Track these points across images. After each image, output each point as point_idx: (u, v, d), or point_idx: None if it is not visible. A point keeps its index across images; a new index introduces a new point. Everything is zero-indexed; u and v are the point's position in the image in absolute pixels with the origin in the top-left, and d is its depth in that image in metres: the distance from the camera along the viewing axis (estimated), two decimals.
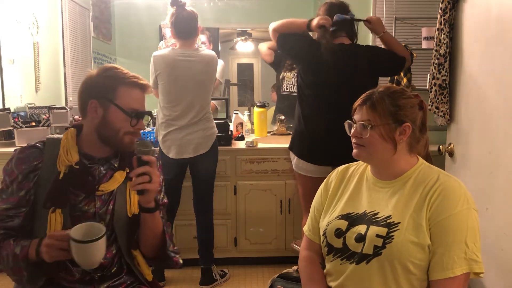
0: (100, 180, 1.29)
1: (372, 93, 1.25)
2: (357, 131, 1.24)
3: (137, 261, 1.34)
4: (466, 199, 1.15)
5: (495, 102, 1.53)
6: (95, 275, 1.29)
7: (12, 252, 1.19)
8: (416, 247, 1.14)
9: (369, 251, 1.17)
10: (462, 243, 1.11)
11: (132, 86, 1.27)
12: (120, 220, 1.31)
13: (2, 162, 1.40)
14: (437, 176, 1.20)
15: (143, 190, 1.20)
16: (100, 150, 1.31)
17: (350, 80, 2.19)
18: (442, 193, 1.15)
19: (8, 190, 1.26)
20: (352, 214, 1.26)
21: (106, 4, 3.77)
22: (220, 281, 2.68)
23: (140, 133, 1.32)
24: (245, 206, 2.84)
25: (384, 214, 1.20)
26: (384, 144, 1.22)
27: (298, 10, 3.79)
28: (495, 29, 1.53)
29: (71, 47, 3.45)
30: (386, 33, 2.28)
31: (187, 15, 2.44)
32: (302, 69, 2.32)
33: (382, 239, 1.16)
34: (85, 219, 1.26)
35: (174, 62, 2.43)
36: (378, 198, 1.25)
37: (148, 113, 1.32)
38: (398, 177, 1.24)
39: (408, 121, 1.22)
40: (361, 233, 1.20)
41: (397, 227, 1.16)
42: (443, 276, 1.11)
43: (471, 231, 1.12)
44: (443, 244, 1.12)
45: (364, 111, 1.24)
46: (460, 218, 1.12)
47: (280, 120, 3.35)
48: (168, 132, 2.50)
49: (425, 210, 1.16)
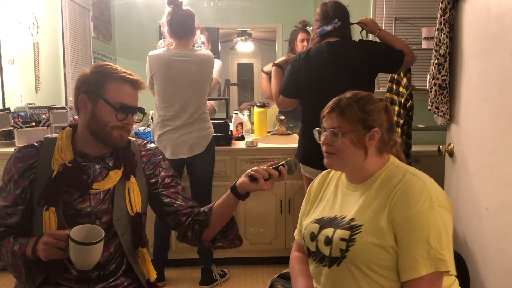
0: (95, 178, 1.30)
1: (340, 99, 1.26)
2: (328, 139, 1.25)
3: (142, 259, 1.34)
4: (429, 197, 1.13)
5: (495, 102, 1.53)
6: (92, 274, 1.29)
7: (11, 249, 1.21)
8: (378, 249, 1.14)
9: (337, 254, 1.19)
10: (424, 242, 1.09)
11: (121, 81, 1.28)
12: (120, 220, 1.31)
13: (2, 162, 1.42)
14: (402, 176, 1.20)
15: (255, 179, 1.23)
16: (94, 148, 1.32)
17: (343, 78, 2.17)
18: (402, 194, 1.15)
19: (7, 188, 1.29)
20: (324, 218, 1.29)
21: (106, 4, 3.78)
22: (220, 281, 2.68)
23: (130, 128, 1.32)
24: (245, 206, 2.84)
25: (349, 217, 1.22)
26: (355, 151, 1.22)
27: (298, 10, 3.79)
28: (495, 29, 1.53)
29: (71, 47, 3.45)
30: (382, 31, 2.29)
31: (183, 14, 2.43)
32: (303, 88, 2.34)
33: (346, 242, 1.17)
34: (80, 217, 1.27)
35: (169, 62, 2.43)
36: (349, 201, 1.27)
37: (139, 109, 1.32)
38: (367, 179, 1.25)
39: (377, 126, 1.23)
40: (328, 236, 1.22)
41: (360, 230, 1.17)
42: (409, 277, 1.11)
43: (433, 229, 1.10)
44: (405, 245, 1.12)
45: (333, 119, 1.24)
46: (420, 218, 1.11)
47: (280, 120, 3.35)
48: (163, 133, 2.50)
49: (386, 212, 1.16)
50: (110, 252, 1.32)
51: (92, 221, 1.28)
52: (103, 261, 1.30)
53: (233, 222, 1.38)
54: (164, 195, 1.40)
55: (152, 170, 1.41)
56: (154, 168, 1.42)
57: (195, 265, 2.75)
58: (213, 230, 1.35)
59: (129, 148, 1.38)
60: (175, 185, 1.43)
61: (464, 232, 1.76)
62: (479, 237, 1.65)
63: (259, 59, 3.98)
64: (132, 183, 1.33)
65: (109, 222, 1.31)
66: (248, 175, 1.25)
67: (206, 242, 1.37)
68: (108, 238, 1.30)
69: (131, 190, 1.32)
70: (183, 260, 2.89)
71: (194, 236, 1.36)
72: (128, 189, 1.32)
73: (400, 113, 2.52)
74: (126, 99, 1.28)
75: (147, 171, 1.41)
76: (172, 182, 1.43)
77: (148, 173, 1.41)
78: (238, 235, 1.39)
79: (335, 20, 2.23)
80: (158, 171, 1.42)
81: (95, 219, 1.29)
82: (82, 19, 3.58)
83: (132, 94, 1.30)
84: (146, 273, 1.35)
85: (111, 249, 1.32)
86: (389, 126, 1.28)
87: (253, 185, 1.24)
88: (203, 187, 2.61)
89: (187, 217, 1.38)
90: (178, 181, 1.46)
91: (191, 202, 1.42)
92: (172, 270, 2.85)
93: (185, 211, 1.38)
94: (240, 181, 1.27)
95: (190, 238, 1.37)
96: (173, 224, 1.40)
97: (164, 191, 1.40)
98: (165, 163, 1.45)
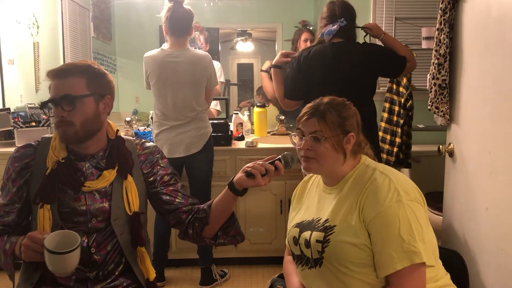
0: (87, 177, 1.31)
1: (317, 105, 1.28)
2: (308, 144, 1.25)
3: (141, 258, 1.34)
4: (397, 192, 1.15)
5: (495, 102, 1.53)
6: (90, 274, 1.29)
7: (3, 247, 1.23)
8: (352, 247, 1.16)
9: (316, 256, 1.22)
10: (397, 237, 1.12)
11: (49, 77, 1.28)
12: (118, 219, 1.31)
13: (2, 162, 1.43)
14: (371, 175, 1.22)
15: (252, 175, 1.22)
16: (81, 146, 1.32)
17: (348, 79, 2.18)
18: (370, 193, 1.18)
19: (6, 187, 1.33)
20: (303, 222, 1.32)
21: (106, 4, 3.77)
22: (220, 281, 2.68)
23: (65, 120, 1.25)
24: (245, 206, 2.84)
25: (324, 219, 1.24)
26: (335, 155, 1.25)
27: (298, 10, 3.78)
28: (495, 29, 1.53)
29: (71, 47, 3.45)
30: (386, 35, 2.29)
31: (183, 12, 2.43)
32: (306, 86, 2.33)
33: (321, 244, 1.20)
34: (76, 216, 1.28)
35: (162, 63, 2.43)
36: (324, 203, 1.30)
37: (49, 100, 1.27)
38: (340, 181, 1.28)
39: (352, 130, 1.27)
40: (307, 239, 1.25)
41: (333, 231, 1.20)
42: (386, 272, 1.13)
43: (404, 223, 1.12)
44: (378, 242, 1.14)
45: (314, 123, 1.25)
46: (390, 213, 1.13)
47: (280, 120, 3.35)
48: (160, 131, 2.51)
49: (357, 211, 1.18)
50: (108, 250, 1.31)
51: (88, 219, 1.29)
52: (100, 260, 1.30)
53: (234, 218, 1.38)
54: (163, 193, 1.39)
55: (150, 169, 1.41)
56: (152, 166, 1.41)
57: (195, 265, 2.75)
58: (214, 227, 1.35)
59: (123, 147, 1.37)
60: (174, 183, 1.43)
61: (464, 232, 1.76)
62: (479, 237, 1.65)
63: (259, 59, 3.97)
64: (129, 183, 1.33)
65: (107, 221, 1.31)
66: (244, 171, 1.24)
67: (207, 239, 1.37)
68: (105, 236, 1.31)
69: (129, 190, 1.33)
70: (183, 260, 2.89)
71: (195, 234, 1.36)
72: (126, 188, 1.32)
73: (400, 113, 2.52)
74: (51, 94, 1.27)
75: (145, 169, 1.40)
76: (171, 180, 1.43)
77: (146, 171, 1.40)
78: (239, 231, 1.39)
79: (341, 19, 2.21)
80: (156, 169, 1.41)
81: (91, 218, 1.29)
82: (82, 19, 3.58)
83: (54, 87, 1.27)
84: (145, 272, 1.34)
85: (108, 248, 1.32)
86: (358, 128, 1.31)
87: (250, 181, 1.23)
88: (202, 186, 2.61)
89: (187, 214, 1.38)
90: (177, 179, 1.45)
91: (190, 199, 1.42)
92: (172, 270, 2.85)
93: (185, 209, 1.38)
94: (237, 177, 1.26)
95: (191, 235, 1.37)
96: (174, 222, 1.40)
97: (163, 189, 1.40)
98: (163, 161, 1.45)
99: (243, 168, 1.26)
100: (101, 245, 1.30)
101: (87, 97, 1.26)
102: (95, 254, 1.29)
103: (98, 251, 1.30)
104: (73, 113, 1.25)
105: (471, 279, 1.49)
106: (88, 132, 1.29)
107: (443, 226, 1.98)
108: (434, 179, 2.28)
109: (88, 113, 1.27)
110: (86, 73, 1.28)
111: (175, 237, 2.84)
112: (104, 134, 1.37)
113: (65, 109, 1.24)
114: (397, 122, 2.53)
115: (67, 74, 1.26)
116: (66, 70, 1.27)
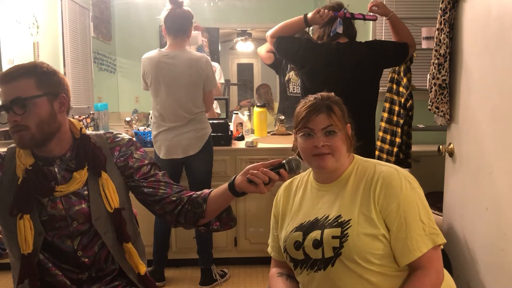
0: (59, 181, 1.26)
1: (320, 100, 1.29)
2: (323, 140, 1.24)
3: (129, 254, 1.30)
4: (407, 181, 1.21)
5: (495, 102, 1.53)
6: (83, 275, 1.27)
7: None
8: (371, 239, 1.17)
9: (330, 254, 1.20)
10: (418, 221, 1.17)
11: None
12: (100, 218, 1.28)
13: None
14: (374, 168, 1.26)
15: (255, 183, 1.20)
16: (44, 150, 1.26)
17: (352, 79, 2.19)
18: (384, 184, 1.21)
19: None
20: (304, 224, 1.30)
21: (106, 4, 3.77)
22: (220, 281, 2.68)
23: (19, 124, 1.19)
24: (245, 206, 2.84)
25: (334, 215, 1.24)
26: (345, 147, 1.27)
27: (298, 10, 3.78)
28: (495, 29, 1.53)
29: (71, 47, 3.44)
30: (394, 15, 2.28)
31: (181, 12, 2.45)
32: (301, 71, 2.32)
33: (339, 239, 1.19)
34: (56, 221, 1.24)
35: (159, 64, 2.44)
36: (325, 201, 1.29)
37: (0, 108, 1.20)
38: (339, 177, 1.29)
39: (349, 122, 1.32)
40: (317, 238, 1.23)
41: (349, 224, 1.20)
42: (413, 257, 1.16)
43: (422, 208, 1.19)
44: (402, 229, 1.17)
45: (324, 118, 1.25)
46: (408, 200, 1.18)
47: (280, 120, 3.35)
48: (158, 133, 2.51)
49: (372, 204, 1.20)
50: (95, 251, 1.28)
51: (68, 224, 1.25)
52: (89, 262, 1.28)
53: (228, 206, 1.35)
54: (144, 186, 1.34)
55: (124, 162, 1.34)
56: (126, 160, 1.35)
57: (195, 265, 2.75)
58: (208, 218, 1.33)
59: (90, 144, 1.30)
60: (154, 173, 1.36)
61: (464, 232, 1.76)
62: (479, 237, 1.65)
63: (259, 59, 3.96)
64: (105, 179, 1.28)
65: (89, 222, 1.27)
66: (246, 175, 1.21)
67: (200, 227, 1.35)
68: (90, 238, 1.28)
69: (106, 187, 1.27)
70: (183, 260, 2.89)
71: (187, 223, 1.34)
72: (102, 186, 1.27)
73: (400, 113, 2.52)
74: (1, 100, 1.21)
75: (119, 163, 1.34)
76: (151, 170, 1.36)
77: (121, 165, 1.34)
78: (232, 217, 1.36)
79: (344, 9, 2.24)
80: (131, 162, 1.35)
81: (71, 222, 1.25)
82: (82, 19, 3.57)
83: (3, 92, 1.21)
84: (135, 267, 1.31)
85: (96, 249, 1.29)
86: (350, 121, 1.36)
87: (252, 187, 1.21)
88: (202, 187, 2.59)
89: (176, 205, 1.33)
90: (157, 168, 1.39)
91: (175, 187, 1.37)
92: (172, 270, 2.85)
93: (173, 198, 1.33)
94: (239, 180, 1.23)
95: (183, 224, 1.34)
96: (161, 213, 1.35)
97: (143, 182, 1.34)
98: (138, 153, 1.37)
99: (246, 170, 1.23)
100: (87, 247, 1.27)
101: (38, 97, 1.20)
102: (83, 257, 1.26)
103: (85, 254, 1.27)
104: (26, 116, 1.18)
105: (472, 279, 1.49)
106: (45, 134, 1.22)
107: (443, 226, 1.98)
108: (434, 179, 2.27)
109: (42, 114, 1.20)
110: (34, 73, 1.22)
111: (175, 237, 2.84)
112: (66, 134, 1.30)
113: (17, 113, 1.17)
114: (397, 122, 2.53)
115: (14, 76, 1.20)
116: (12, 73, 1.21)
